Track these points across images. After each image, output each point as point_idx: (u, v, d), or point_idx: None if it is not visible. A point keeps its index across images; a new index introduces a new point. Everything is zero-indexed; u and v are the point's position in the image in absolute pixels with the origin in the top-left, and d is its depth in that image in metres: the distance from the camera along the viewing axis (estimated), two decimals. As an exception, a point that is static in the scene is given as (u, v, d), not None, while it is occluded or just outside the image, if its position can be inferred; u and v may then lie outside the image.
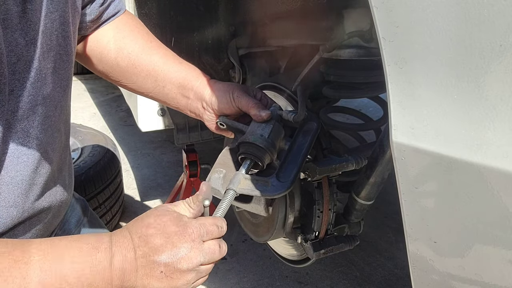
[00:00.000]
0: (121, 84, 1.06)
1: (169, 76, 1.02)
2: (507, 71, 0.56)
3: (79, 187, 2.20)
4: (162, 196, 3.01)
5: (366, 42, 1.35)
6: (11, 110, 0.70)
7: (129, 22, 1.05)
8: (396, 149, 0.71)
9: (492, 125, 0.59)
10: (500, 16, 0.55)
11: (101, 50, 1.01)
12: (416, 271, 0.81)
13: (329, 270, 2.28)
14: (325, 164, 1.14)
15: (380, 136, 1.15)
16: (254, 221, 1.39)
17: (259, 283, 2.18)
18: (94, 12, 0.96)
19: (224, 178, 0.98)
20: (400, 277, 2.23)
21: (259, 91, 1.05)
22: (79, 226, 1.09)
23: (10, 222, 0.76)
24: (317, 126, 1.04)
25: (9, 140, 0.71)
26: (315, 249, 1.22)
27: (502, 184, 0.59)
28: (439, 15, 0.61)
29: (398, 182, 0.74)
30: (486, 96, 0.59)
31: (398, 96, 0.69)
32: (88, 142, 2.59)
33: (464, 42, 0.59)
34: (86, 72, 6.06)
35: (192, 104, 1.04)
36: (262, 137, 0.93)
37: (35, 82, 0.73)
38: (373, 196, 1.19)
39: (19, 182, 0.75)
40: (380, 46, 0.68)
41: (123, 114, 4.68)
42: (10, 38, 0.67)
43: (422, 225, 0.74)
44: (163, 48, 1.05)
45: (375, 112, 1.91)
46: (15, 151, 0.73)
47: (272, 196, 0.92)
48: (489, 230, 0.64)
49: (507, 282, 0.66)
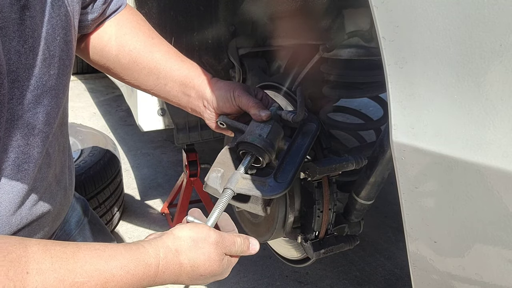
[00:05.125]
0: (123, 80, 1.05)
1: (171, 74, 1.01)
2: (507, 71, 0.56)
3: (79, 187, 2.20)
4: (162, 196, 3.01)
5: (366, 41, 1.35)
6: (10, 118, 0.69)
7: (130, 18, 1.03)
8: (396, 149, 0.71)
9: (492, 125, 0.59)
10: (500, 16, 0.55)
11: (103, 47, 1.00)
12: (416, 271, 0.81)
13: (329, 270, 2.28)
14: (325, 164, 1.14)
15: (380, 135, 1.15)
16: (254, 221, 1.39)
17: (259, 282, 2.18)
18: (97, 10, 0.95)
19: (223, 177, 0.98)
20: (400, 277, 2.23)
21: (260, 91, 1.05)
22: (79, 226, 1.08)
23: (9, 230, 0.76)
24: (317, 127, 1.04)
25: (8, 148, 0.71)
26: (315, 248, 1.22)
27: (502, 184, 0.59)
28: (439, 15, 0.61)
29: (398, 182, 0.74)
30: (486, 96, 0.59)
31: (398, 95, 0.69)
32: (88, 142, 2.59)
33: (464, 42, 0.59)
34: (86, 72, 6.07)
35: (193, 102, 1.03)
36: (261, 137, 0.93)
37: (35, 90, 0.72)
38: (373, 196, 1.19)
39: (20, 191, 0.74)
40: (380, 46, 0.68)
41: (123, 114, 4.68)
42: (8, 46, 0.66)
43: (422, 225, 0.74)
44: (165, 45, 1.04)
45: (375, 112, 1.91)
46: (15, 159, 0.72)
47: (268, 196, 0.92)
48: (489, 230, 0.64)
49: (507, 282, 0.66)
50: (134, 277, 0.67)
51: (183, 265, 0.73)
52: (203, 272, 0.75)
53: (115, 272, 0.65)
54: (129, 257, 0.68)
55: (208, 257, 0.75)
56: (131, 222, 2.71)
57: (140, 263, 0.68)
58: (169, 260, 0.71)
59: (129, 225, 2.68)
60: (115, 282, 0.65)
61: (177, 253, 0.73)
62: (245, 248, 0.83)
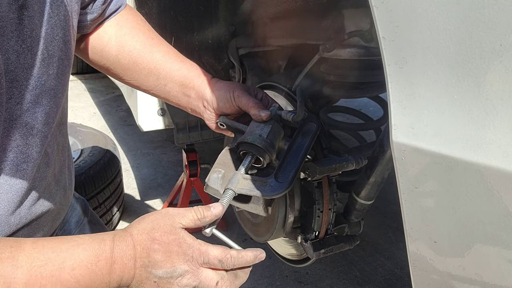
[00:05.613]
0: (123, 80, 1.05)
1: (171, 75, 1.01)
2: (507, 71, 0.56)
3: (79, 187, 2.20)
4: (162, 196, 3.01)
5: (366, 41, 1.35)
6: (9, 118, 0.69)
7: (130, 18, 1.03)
8: (396, 149, 0.71)
9: (492, 125, 0.59)
10: (500, 16, 0.55)
11: (102, 48, 1.00)
12: (416, 270, 0.81)
13: (329, 270, 2.28)
14: (325, 164, 1.14)
15: (380, 135, 1.15)
16: (254, 221, 1.39)
17: (259, 282, 2.18)
18: (97, 10, 0.95)
19: (223, 178, 0.98)
20: (400, 277, 2.23)
21: (260, 91, 1.05)
22: (79, 226, 1.08)
23: (8, 230, 0.76)
24: (317, 126, 1.04)
25: (7, 148, 0.71)
26: (315, 248, 1.22)
27: (502, 184, 0.59)
28: (439, 15, 0.61)
29: (398, 182, 0.74)
30: (486, 95, 0.59)
31: (398, 95, 0.69)
32: (88, 142, 2.59)
33: (464, 42, 0.59)
34: (86, 72, 6.06)
35: (193, 102, 1.03)
36: (261, 137, 0.93)
37: (34, 90, 0.72)
38: (373, 195, 1.19)
39: (18, 190, 0.75)
40: (380, 46, 0.68)
41: (123, 114, 4.68)
42: (6, 46, 0.66)
43: (422, 225, 0.74)
44: (164, 45, 1.04)
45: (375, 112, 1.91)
46: (14, 159, 0.72)
47: (270, 196, 0.92)
48: (489, 230, 0.64)
49: (507, 281, 0.66)
50: (89, 253, 0.68)
51: (133, 235, 0.72)
52: (153, 235, 0.71)
53: (71, 251, 0.67)
54: (87, 238, 0.70)
55: (156, 223, 0.73)
56: (131, 222, 2.71)
57: (95, 239, 0.70)
58: (121, 235, 0.72)
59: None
60: (72, 261, 0.66)
61: (127, 229, 0.74)
62: (205, 214, 0.78)
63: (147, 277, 0.71)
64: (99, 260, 0.68)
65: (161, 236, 0.72)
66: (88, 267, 0.67)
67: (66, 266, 0.65)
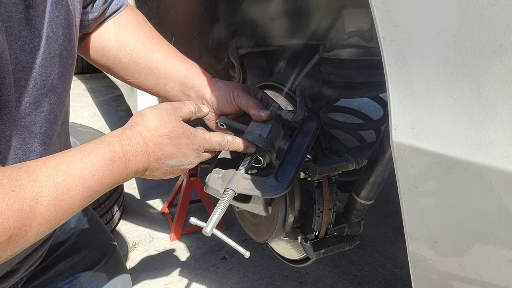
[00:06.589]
0: (124, 80, 1.06)
1: (171, 75, 1.02)
2: (507, 71, 0.56)
3: (79, 186, 2.19)
4: (162, 196, 3.01)
5: (366, 41, 1.35)
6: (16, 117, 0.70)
7: (131, 17, 1.03)
8: (396, 149, 0.71)
9: (492, 125, 0.59)
10: (500, 16, 0.55)
11: (103, 47, 1.01)
12: (416, 270, 0.81)
13: (329, 270, 2.28)
14: (325, 163, 1.14)
15: (380, 135, 1.15)
16: (254, 221, 1.39)
17: (259, 282, 2.18)
18: (98, 9, 0.95)
19: (223, 178, 0.98)
20: (400, 277, 2.23)
21: (260, 91, 1.05)
22: (79, 225, 1.08)
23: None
24: (317, 126, 1.04)
25: (11, 148, 0.71)
26: (315, 248, 1.22)
27: (502, 184, 0.59)
28: (439, 15, 0.61)
29: (398, 182, 0.74)
30: (486, 95, 0.59)
31: (398, 95, 0.69)
32: (88, 142, 2.58)
33: (464, 42, 0.59)
34: (86, 71, 6.07)
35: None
36: (261, 137, 0.93)
37: (39, 89, 0.73)
38: (373, 195, 1.19)
39: None
40: (380, 46, 0.68)
41: (123, 114, 4.68)
42: (14, 46, 0.66)
43: (422, 224, 0.74)
44: (165, 45, 1.04)
45: (375, 112, 1.91)
46: (18, 157, 0.72)
47: (270, 196, 0.92)
48: (489, 230, 0.64)
49: (507, 281, 0.66)
50: (101, 157, 0.71)
51: (142, 133, 0.78)
52: (163, 131, 0.79)
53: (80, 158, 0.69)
54: (91, 145, 0.73)
55: (161, 120, 0.80)
56: (131, 222, 2.71)
57: (101, 144, 0.73)
58: (127, 135, 0.77)
59: (129, 225, 2.68)
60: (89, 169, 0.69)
61: (132, 126, 0.79)
62: (198, 108, 0.89)
63: (160, 167, 0.81)
64: (114, 161, 0.72)
65: (170, 131, 0.80)
66: (106, 170, 0.71)
67: (86, 175, 0.68)
